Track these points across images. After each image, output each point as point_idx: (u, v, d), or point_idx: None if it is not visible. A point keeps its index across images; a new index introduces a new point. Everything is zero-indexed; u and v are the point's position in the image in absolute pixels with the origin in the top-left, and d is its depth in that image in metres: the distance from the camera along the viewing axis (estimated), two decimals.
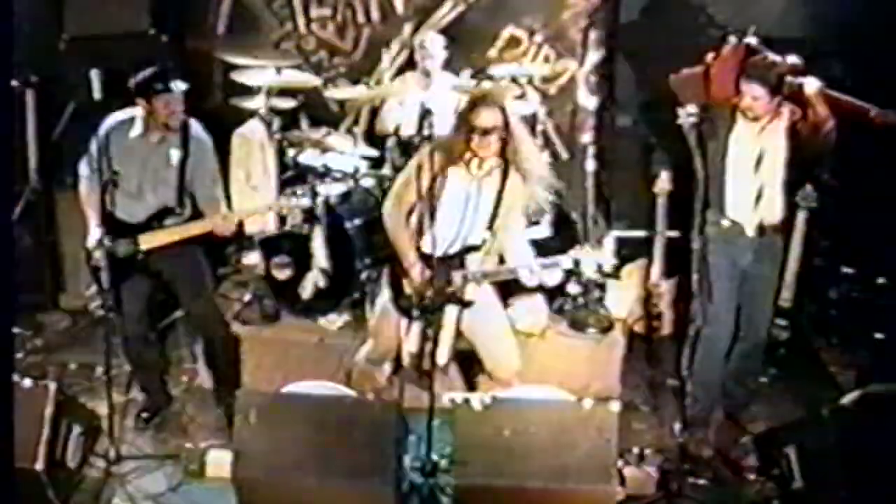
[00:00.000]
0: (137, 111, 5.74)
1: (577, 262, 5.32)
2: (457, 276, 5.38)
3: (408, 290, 5.43)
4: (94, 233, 5.73)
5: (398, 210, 5.43)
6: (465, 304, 5.41)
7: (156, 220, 5.77)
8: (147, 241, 5.75)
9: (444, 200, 5.33)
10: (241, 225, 6.32)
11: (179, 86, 5.68)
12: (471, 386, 5.94)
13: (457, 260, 5.39)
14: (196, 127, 5.86)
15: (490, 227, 5.36)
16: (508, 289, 6.34)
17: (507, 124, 5.25)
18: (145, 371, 6.11)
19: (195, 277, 5.94)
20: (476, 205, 5.36)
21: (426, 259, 5.34)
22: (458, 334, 5.48)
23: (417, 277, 5.35)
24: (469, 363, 5.87)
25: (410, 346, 5.48)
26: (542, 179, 5.40)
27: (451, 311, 5.42)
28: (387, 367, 5.77)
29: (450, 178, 5.33)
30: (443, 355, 5.44)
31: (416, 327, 5.44)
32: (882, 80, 6.12)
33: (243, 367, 6.29)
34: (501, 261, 5.48)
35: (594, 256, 5.29)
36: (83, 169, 5.86)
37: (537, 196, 5.39)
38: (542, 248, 6.42)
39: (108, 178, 5.57)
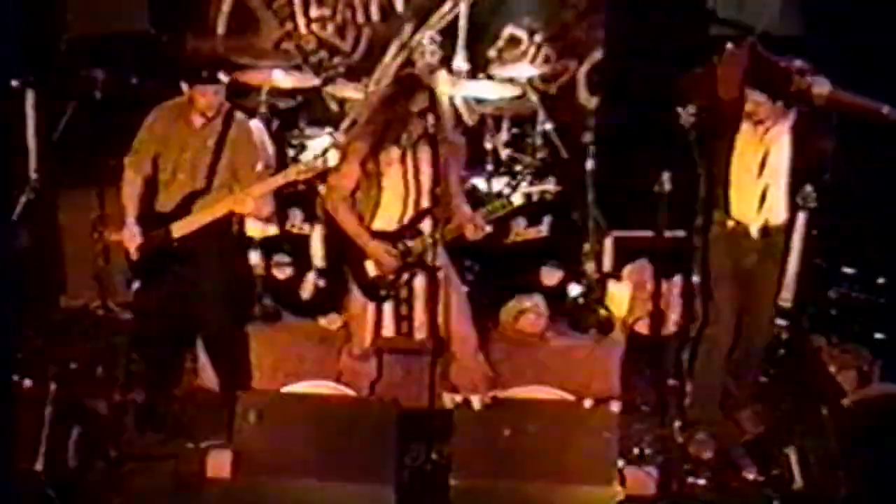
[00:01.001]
0: (183, 97, 5.76)
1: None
2: (415, 244, 5.47)
3: (372, 273, 5.48)
4: (130, 225, 5.73)
5: (340, 199, 5.54)
6: (432, 270, 5.42)
7: (185, 206, 5.74)
8: (179, 229, 5.72)
9: (384, 176, 5.47)
10: (242, 223, 6.29)
11: (222, 78, 5.68)
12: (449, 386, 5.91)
13: (411, 230, 5.49)
14: (240, 115, 5.87)
15: (433, 192, 5.46)
16: (509, 288, 6.36)
17: (433, 104, 5.41)
18: (159, 370, 6.09)
19: (219, 278, 5.89)
20: (415, 173, 5.48)
21: (381, 237, 5.48)
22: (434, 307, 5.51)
23: (379, 252, 5.44)
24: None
25: (386, 330, 5.52)
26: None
27: (419, 284, 5.49)
28: (371, 364, 5.78)
29: (382, 155, 5.46)
30: (420, 329, 5.51)
31: (389, 310, 5.51)
32: (881, 79, 6.12)
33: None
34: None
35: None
36: (128, 159, 5.83)
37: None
38: (543, 249, 6.45)
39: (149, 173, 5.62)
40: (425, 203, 5.52)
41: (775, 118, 5.48)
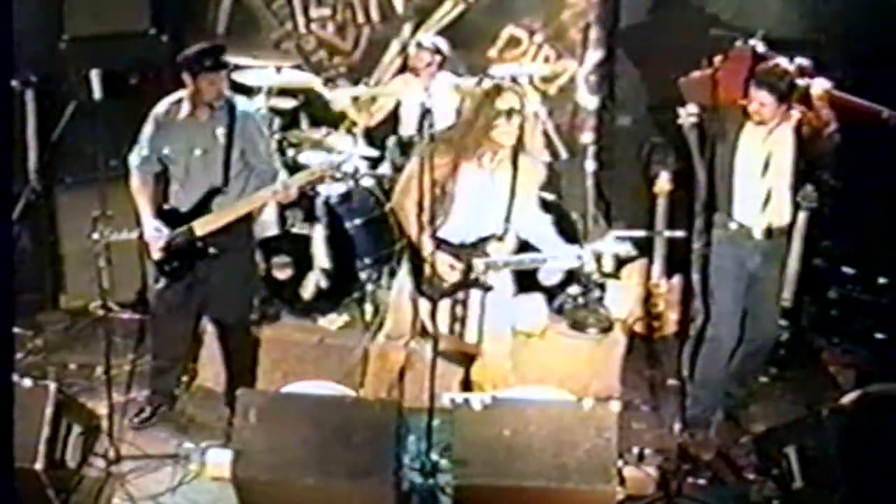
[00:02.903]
0: (183, 93, 5.71)
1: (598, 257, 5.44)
2: (478, 264, 5.38)
3: (427, 272, 5.42)
4: (150, 224, 5.69)
5: (407, 203, 5.40)
6: (487, 289, 5.39)
7: (205, 204, 5.69)
8: (202, 226, 5.67)
9: (458, 194, 5.34)
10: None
11: (226, 64, 5.65)
12: (468, 383, 5.92)
13: (477, 249, 5.40)
14: (242, 101, 5.83)
15: (507, 217, 5.37)
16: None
17: (523, 107, 5.29)
18: (170, 369, 6.08)
19: (238, 276, 5.87)
20: (490, 195, 5.37)
21: (443, 247, 5.36)
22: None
23: (437, 262, 5.33)
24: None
25: (440, 325, 5.46)
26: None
27: (475, 293, 5.43)
28: (402, 352, 5.74)
29: (462, 173, 5.33)
30: (471, 334, 5.46)
31: (445, 307, 5.44)
32: (882, 80, 6.12)
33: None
34: (519, 250, 5.50)
35: (612, 248, 5.35)
36: (133, 159, 5.81)
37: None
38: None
39: (161, 168, 5.63)
40: (495, 226, 5.40)
41: (779, 119, 5.48)
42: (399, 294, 5.60)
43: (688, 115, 5.35)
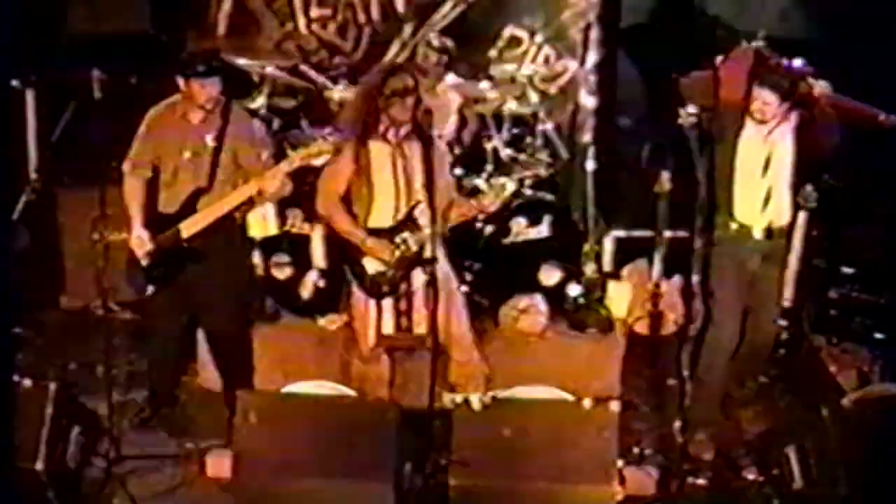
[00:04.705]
0: (177, 96, 5.70)
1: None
2: (411, 240, 5.45)
3: (371, 270, 5.49)
4: (139, 232, 5.68)
5: (330, 202, 5.53)
6: (429, 262, 5.39)
7: (190, 205, 5.68)
8: (188, 228, 5.67)
9: (375, 176, 5.47)
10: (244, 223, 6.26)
11: (219, 71, 5.63)
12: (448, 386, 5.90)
13: (408, 225, 5.49)
14: (238, 107, 5.83)
15: (428, 188, 5.44)
16: (508, 288, 6.36)
17: (416, 86, 5.42)
18: (164, 370, 6.08)
19: (229, 276, 5.85)
20: (405, 170, 5.49)
21: (376, 233, 5.48)
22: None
23: (376, 248, 5.45)
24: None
25: (386, 326, 5.53)
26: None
27: (418, 280, 5.49)
28: (385, 361, 5.76)
29: (372, 154, 5.46)
30: (420, 325, 5.50)
31: (389, 307, 5.51)
32: (882, 80, 6.12)
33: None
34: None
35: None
36: (126, 166, 5.77)
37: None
38: (542, 248, 6.46)
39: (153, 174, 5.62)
40: (418, 197, 5.49)
41: (779, 119, 5.48)
42: (356, 310, 5.65)
43: (688, 115, 5.35)
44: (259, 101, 6.73)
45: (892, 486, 4.85)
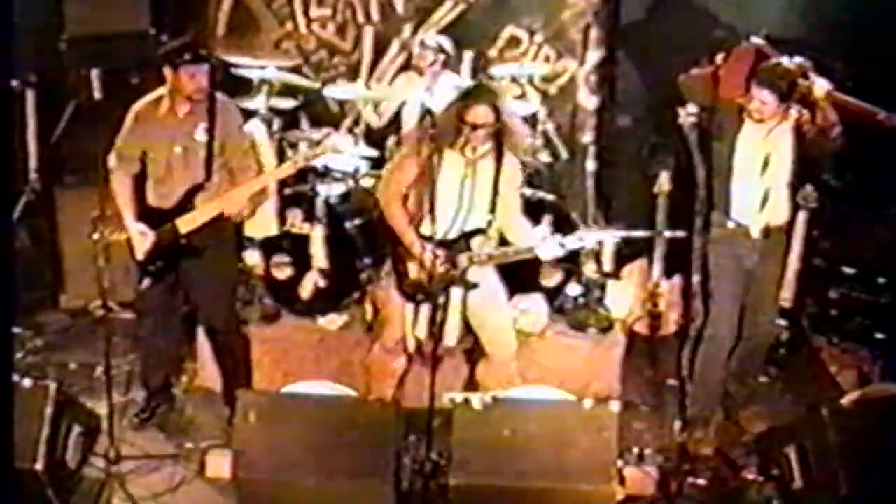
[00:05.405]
0: (162, 90, 5.67)
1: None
2: (462, 259, 5.40)
3: (413, 275, 5.45)
4: (135, 227, 5.67)
5: (393, 195, 5.47)
6: (471, 287, 5.42)
7: (187, 201, 5.67)
8: (186, 224, 5.66)
9: (441, 185, 5.37)
10: (241, 225, 6.27)
11: (205, 59, 5.60)
12: (472, 383, 5.92)
13: (460, 243, 5.43)
14: (222, 97, 5.78)
15: (492, 210, 5.41)
16: (509, 288, 6.36)
17: (498, 119, 5.32)
18: (157, 368, 6.08)
19: (221, 273, 5.86)
20: (472, 188, 5.41)
21: (427, 241, 5.39)
22: (465, 319, 5.52)
23: (423, 257, 5.36)
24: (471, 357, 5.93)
25: (420, 331, 5.50)
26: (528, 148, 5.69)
27: (456, 294, 5.45)
28: (402, 358, 5.74)
29: (445, 162, 5.37)
30: (451, 337, 5.48)
31: (425, 311, 5.44)
32: (882, 80, 6.12)
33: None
34: (501, 243, 5.53)
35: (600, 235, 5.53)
36: (112, 162, 5.75)
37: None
38: None
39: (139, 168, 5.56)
40: (478, 220, 5.44)
41: (778, 118, 5.48)
42: (388, 304, 5.62)
43: (688, 115, 5.34)
44: (259, 101, 6.72)
45: (892, 486, 4.85)
